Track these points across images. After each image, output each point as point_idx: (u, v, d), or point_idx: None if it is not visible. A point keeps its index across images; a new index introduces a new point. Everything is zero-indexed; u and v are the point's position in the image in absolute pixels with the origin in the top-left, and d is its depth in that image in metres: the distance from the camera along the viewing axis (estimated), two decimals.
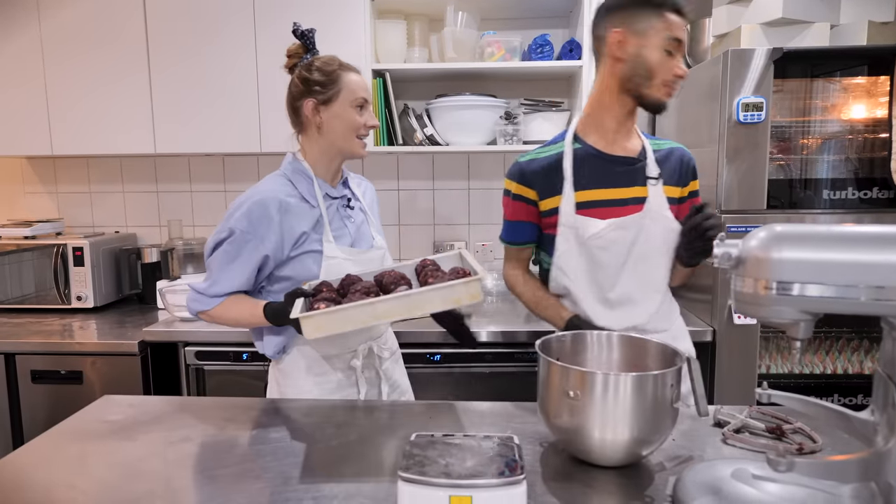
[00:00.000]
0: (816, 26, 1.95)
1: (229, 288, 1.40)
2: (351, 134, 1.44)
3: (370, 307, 1.19)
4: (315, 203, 1.44)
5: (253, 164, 2.77)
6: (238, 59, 2.34)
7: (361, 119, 1.43)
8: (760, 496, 0.90)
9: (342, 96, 1.41)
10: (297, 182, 1.45)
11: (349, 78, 1.43)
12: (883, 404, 0.83)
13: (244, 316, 1.42)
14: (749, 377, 1.96)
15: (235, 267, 1.39)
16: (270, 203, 1.38)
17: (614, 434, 1.00)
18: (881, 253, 0.78)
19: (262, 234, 1.37)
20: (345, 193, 1.53)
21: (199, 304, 1.44)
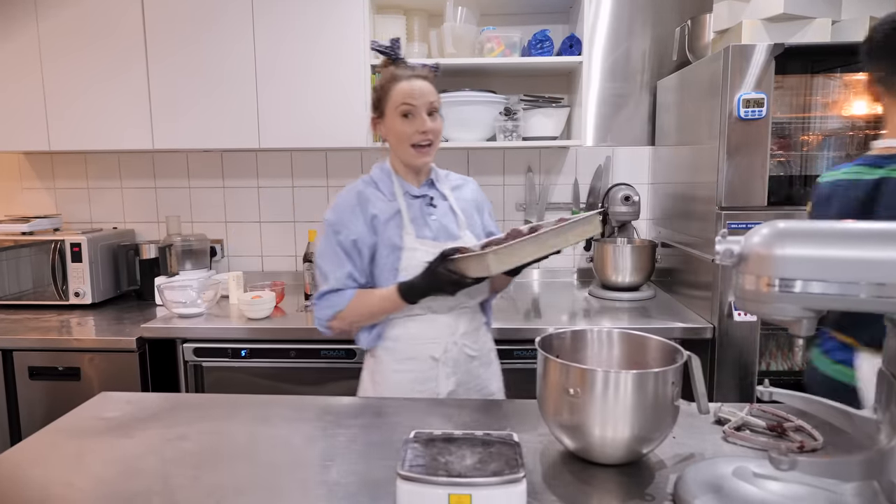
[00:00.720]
0: (818, 22, 1.94)
1: (342, 277, 1.45)
2: (402, 144, 1.45)
3: (544, 237, 1.28)
4: (394, 199, 1.49)
5: (251, 159, 2.76)
6: (236, 55, 2.32)
7: (409, 128, 1.43)
8: (762, 494, 0.89)
9: (388, 108, 1.45)
10: (378, 180, 1.52)
11: (396, 88, 1.44)
12: (886, 402, 0.83)
13: (376, 303, 1.45)
14: (749, 374, 1.96)
15: (336, 257, 1.46)
16: (351, 195, 1.49)
17: (615, 432, 1.00)
18: (884, 250, 0.77)
19: (347, 220, 1.46)
20: (427, 193, 1.54)
21: (329, 308, 1.47)
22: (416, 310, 1.47)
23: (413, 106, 1.42)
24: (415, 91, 1.42)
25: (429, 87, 1.45)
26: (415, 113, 1.42)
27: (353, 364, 2.05)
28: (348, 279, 1.46)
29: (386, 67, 1.51)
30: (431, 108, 1.44)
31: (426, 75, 1.47)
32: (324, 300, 1.47)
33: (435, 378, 1.48)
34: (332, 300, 1.46)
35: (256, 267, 2.83)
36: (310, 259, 2.36)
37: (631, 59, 2.67)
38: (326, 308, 1.47)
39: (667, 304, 2.30)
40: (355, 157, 2.75)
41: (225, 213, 2.81)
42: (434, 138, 1.46)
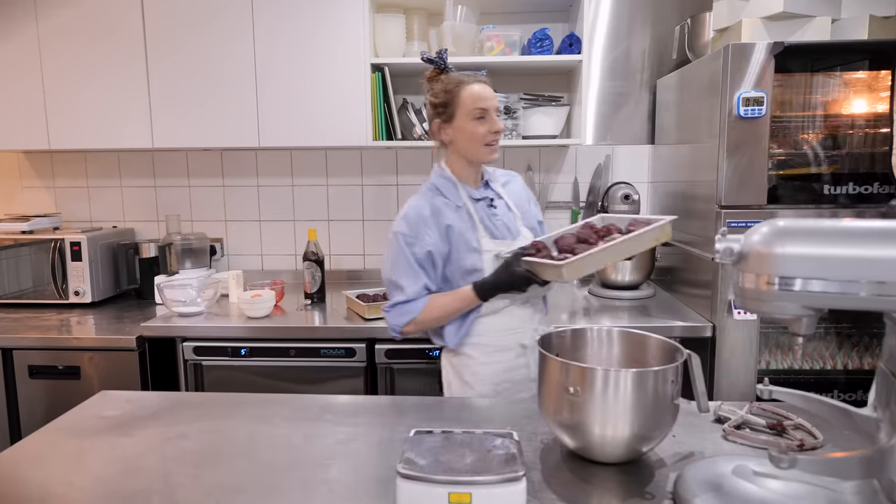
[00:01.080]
0: (817, 20, 1.94)
1: (417, 287, 1.52)
2: (476, 144, 1.53)
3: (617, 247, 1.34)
4: (462, 203, 1.57)
5: (251, 158, 2.76)
6: (236, 53, 2.32)
7: (483, 128, 1.52)
8: (762, 493, 0.89)
9: (460, 111, 1.52)
10: (443, 188, 1.59)
11: (466, 92, 1.52)
12: (886, 401, 0.83)
13: (450, 304, 1.52)
14: (749, 373, 1.96)
15: (411, 269, 1.52)
16: (424, 208, 1.55)
17: (614, 430, 1.00)
18: (884, 248, 0.77)
19: (422, 232, 1.52)
20: (486, 194, 1.62)
21: (403, 316, 1.54)
22: (499, 304, 1.54)
23: (486, 110, 1.51)
24: (486, 94, 1.53)
25: (491, 91, 1.56)
26: (488, 116, 1.52)
27: (352, 363, 2.05)
28: (423, 290, 1.53)
29: (436, 76, 1.59)
30: (496, 111, 1.56)
31: (486, 80, 1.57)
32: (396, 309, 1.54)
33: (526, 364, 1.57)
34: (406, 308, 1.53)
35: (256, 266, 2.83)
36: (310, 258, 2.36)
37: (631, 58, 2.67)
38: (401, 316, 1.54)
39: (667, 303, 2.30)
40: (355, 155, 2.74)
41: (225, 212, 2.81)
42: (499, 138, 1.57)
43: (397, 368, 2.04)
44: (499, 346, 1.56)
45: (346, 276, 2.81)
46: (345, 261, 2.81)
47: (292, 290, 2.57)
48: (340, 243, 2.80)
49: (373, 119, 2.34)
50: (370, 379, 2.07)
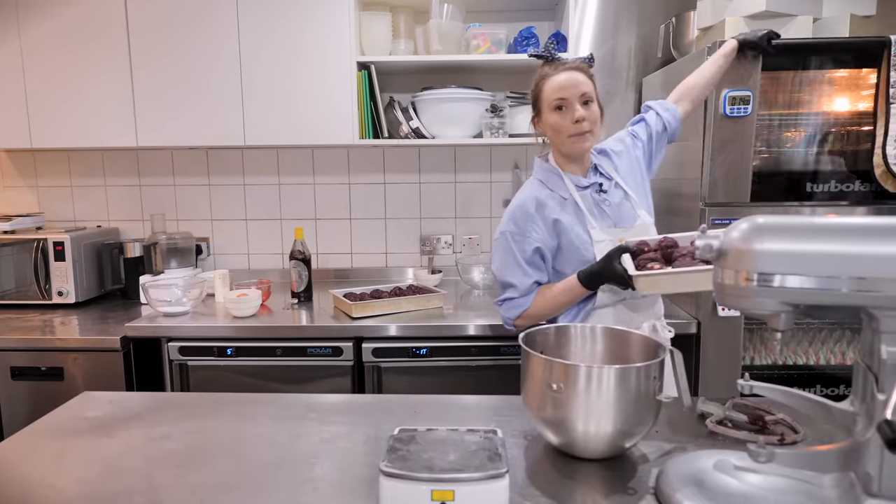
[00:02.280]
0: (799, 19, 1.95)
1: (527, 283, 1.53)
2: (560, 136, 1.51)
3: (701, 274, 1.27)
4: (568, 195, 1.54)
5: (237, 157, 2.75)
6: (221, 50, 2.31)
7: (564, 119, 1.48)
8: (742, 487, 0.90)
9: (543, 105, 1.52)
10: (547, 181, 1.57)
11: (546, 84, 1.50)
12: (862, 395, 0.84)
13: (559, 295, 1.52)
14: (733, 369, 1.97)
15: (520, 268, 1.53)
16: (528, 203, 1.54)
17: (598, 426, 1.00)
18: (861, 244, 0.78)
19: (528, 230, 1.52)
20: (595, 180, 1.57)
21: (515, 309, 1.56)
22: (612, 297, 1.53)
23: (565, 99, 1.47)
24: (566, 83, 1.47)
25: (581, 77, 1.49)
26: (567, 105, 1.48)
27: (339, 362, 2.04)
28: (532, 286, 1.54)
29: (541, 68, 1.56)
30: (585, 97, 1.48)
31: (578, 66, 1.51)
32: (507, 304, 1.56)
33: None
34: (517, 302, 1.55)
35: (243, 265, 2.82)
36: (297, 257, 2.35)
37: (617, 57, 2.68)
38: (512, 309, 1.56)
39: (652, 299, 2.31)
40: (342, 154, 2.74)
41: (211, 211, 2.79)
42: (592, 125, 1.49)
43: (385, 367, 2.04)
44: None
45: (334, 274, 2.80)
46: (332, 259, 2.81)
47: (279, 289, 2.56)
48: (328, 242, 2.79)
49: (359, 117, 2.33)
50: (357, 378, 2.06)
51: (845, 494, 0.83)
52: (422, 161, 2.74)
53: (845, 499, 0.82)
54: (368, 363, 2.04)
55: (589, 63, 1.55)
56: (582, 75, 1.49)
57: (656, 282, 1.31)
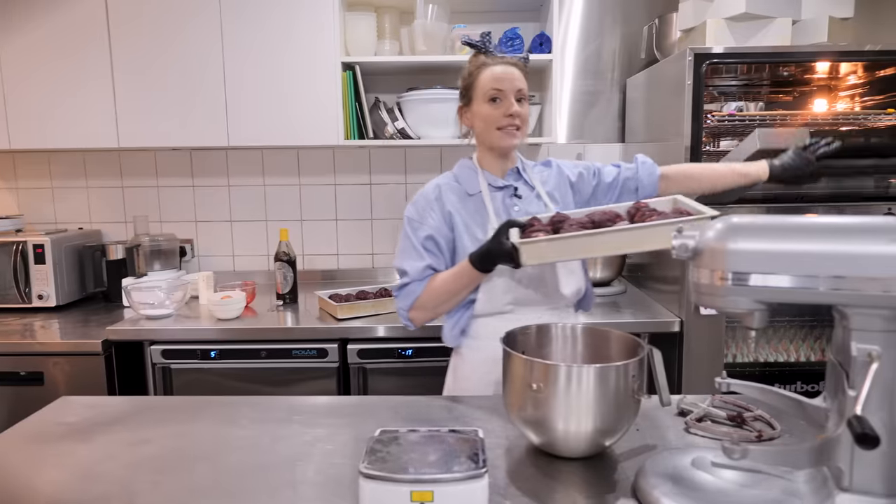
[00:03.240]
0: (778, 21, 1.98)
1: (420, 266, 1.44)
2: (489, 128, 1.45)
3: (589, 238, 1.18)
4: (476, 191, 1.49)
5: (221, 158, 2.73)
6: (204, 50, 2.29)
7: (496, 111, 1.43)
8: (719, 483, 0.91)
9: (476, 94, 1.45)
10: (460, 175, 1.53)
11: (483, 73, 1.44)
12: (834, 391, 0.85)
13: (450, 279, 1.42)
14: (716, 366, 1.99)
15: (415, 252, 1.46)
16: (430, 190, 1.51)
17: (578, 425, 1.01)
18: (831, 244, 0.80)
19: (426, 216, 1.47)
20: (510, 183, 1.52)
21: (407, 298, 1.46)
22: (503, 306, 1.46)
23: (501, 91, 1.42)
24: (504, 75, 1.42)
25: (518, 73, 1.45)
26: (502, 97, 1.42)
27: (325, 363, 2.04)
28: (426, 270, 1.45)
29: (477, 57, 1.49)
30: (520, 94, 1.44)
31: (516, 62, 1.46)
32: (402, 292, 1.47)
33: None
34: (409, 289, 1.46)
35: (228, 267, 2.80)
36: (281, 258, 2.34)
37: (602, 57, 2.70)
38: (404, 298, 1.47)
39: (637, 299, 2.33)
40: (327, 154, 2.73)
41: (195, 213, 2.77)
42: (522, 124, 1.45)
43: (370, 368, 2.03)
44: (491, 354, 1.41)
45: (321, 276, 2.79)
46: (318, 261, 2.80)
47: (264, 290, 2.55)
48: (314, 243, 2.79)
49: (344, 118, 2.33)
50: (343, 379, 2.06)
51: (818, 489, 0.84)
52: (408, 162, 2.74)
53: (818, 493, 0.84)
54: (354, 365, 2.03)
55: (525, 62, 1.50)
56: (519, 72, 1.45)
57: (541, 250, 1.20)
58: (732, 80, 2.44)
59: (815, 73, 2.33)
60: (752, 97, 2.52)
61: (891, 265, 0.77)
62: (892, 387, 0.81)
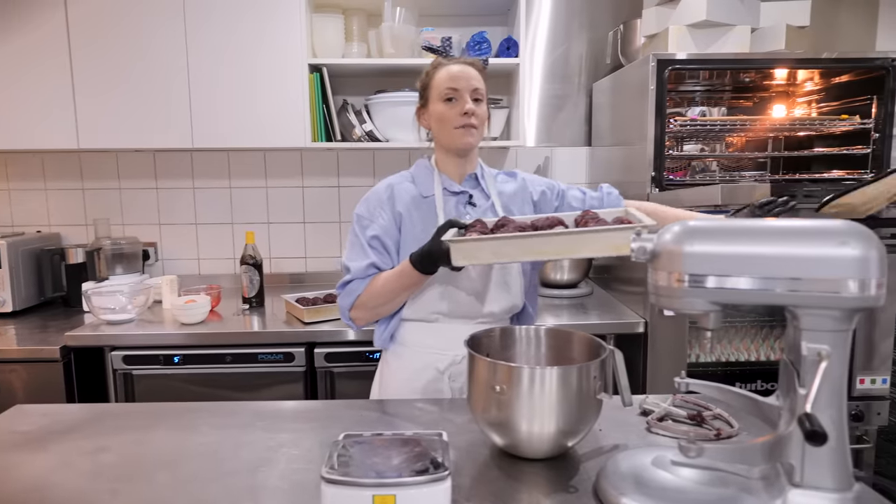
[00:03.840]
0: (738, 29, 2.03)
1: (363, 265, 1.41)
2: (445, 127, 1.42)
3: (523, 240, 1.14)
4: (430, 194, 1.46)
5: (186, 159, 2.68)
6: (167, 50, 2.25)
7: (452, 111, 1.40)
8: (678, 481, 0.93)
9: (432, 94, 1.44)
10: (417, 175, 1.50)
11: (438, 73, 1.43)
12: (786, 389, 0.87)
13: (391, 278, 1.38)
14: (680, 366, 2.03)
15: (361, 249, 1.43)
16: (383, 190, 1.48)
17: (541, 426, 1.02)
18: (784, 246, 0.82)
19: (375, 215, 1.45)
20: (467, 190, 1.49)
21: (349, 296, 1.42)
22: (429, 314, 1.44)
23: (457, 90, 1.40)
24: (459, 75, 1.40)
25: (475, 73, 1.43)
26: (458, 97, 1.40)
27: (291, 368, 2.01)
28: (369, 269, 1.41)
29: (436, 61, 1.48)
30: (477, 94, 1.42)
31: (473, 62, 1.45)
32: (344, 290, 1.43)
33: (439, 391, 1.44)
34: (351, 287, 1.42)
35: (193, 270, 2.75)
36: (248, 261, 2.31)
37: (569, 62, 2.73)
38: (346, 296, 1.42)
39: (603, 300, 2.36)
40: (295, 156, 2.70)
41: (159, 215, 2.72)
42: (479, 123, 1.42)
43: (337, 372, 2.02)
44: (415, 363, 1.45)
45: (288, 279, 2.76)
46: (286, 264, 2.77)
47: (230, 294, 2.51)
48: (281, 246, 2.76)
49: (311, 120, 2.31)
50: (310, 384, 2.04)
51: (771, 485, 0.86)
52: (376, 164, 2.73)
53: (771, 489, 0.86)
54: (321, 369, 2.02)
55: (484, 63, 1.49)
56: (476, 72, 1.43)
57: (473, 250, 1.16)
58: (695, 86, 2.50)
59: (774, 80, 2.40)
60: (715, 102, 2.58)
61: (839, 267, 0.79)
62: (840, 385, 0.83)
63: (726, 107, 2.52)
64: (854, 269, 0.79)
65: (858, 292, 0.79)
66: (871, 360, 2.01)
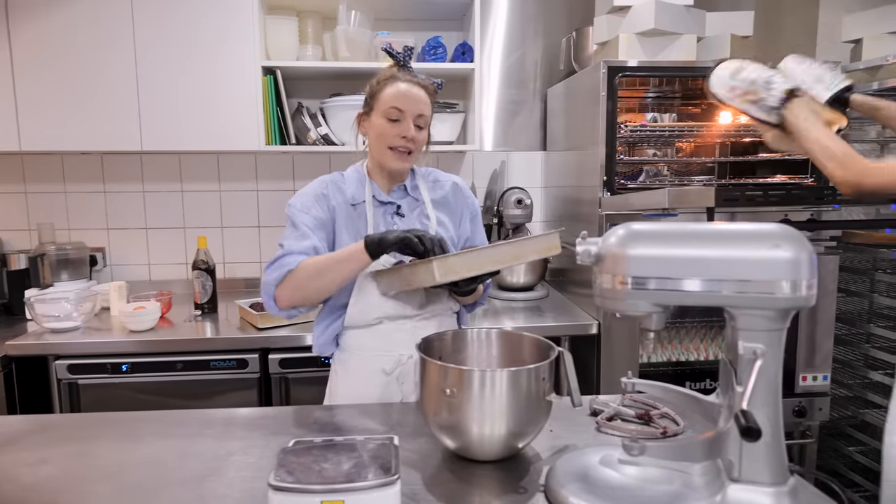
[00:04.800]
0: (684, 38, 2.09)
1: (303, 245, 1.36)
2: (381, 144, 1.40)
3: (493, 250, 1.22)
4: (360, 201, 1.45)
5: (136, 162, 2.61)
6: (115, 50, 2.18)
7: (392, 130, 1.38)
8: (623, 479, 0.95)
9: (377, 107, 1.41)
10: (350, 180, 1.47)
11: (389, 87, 1.39)
12: (725, 388, 0.91)
13: (332, 256, 1.32)
14: (632, 366, 2.07)
15: (299, 232, 1.38)
16: (316, 187, 1.45)
17: (492, 429, 1.03)
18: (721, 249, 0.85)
19: (310, 208, 1.41)
20: (395, 201, 1.47)
21: (277, 271, 1.32)
22: (377, 318, 1.41)
23: (402, 111, 1.37)
24: (408, 95, 1.38)
25: (425, 97, 1.41)
26: (402, 119, 1.38)
27: (245, 374, 1.98)
28: (310, 249, 1.35)
29: (390, 69, 1.45)
30: (421, 120, 1.40)
31: (426, 86, 1.42)
32: (274, 264, 1.34)
33: (392, 396, 1.43)
34: (284, 261, 1.32)
35: (143, 276, 2.68)
36: (200, 266, 2.26)
37: (525, 67, 2.76)
38: (276, 270, 1.32)
39: (558, 303, 2.39)
40: (249, 160, 2.66)
41: (107, 220, 2.64)
42: (415, 149, 1.41)
43: (292, 378, 1.99)
44: (361, 369, 1.43)
45: (243, 284, 2.72)
46: (240, 269, 2.72)
47: (182, 300, 2.45)
48: (235, 251, 2.71)
49: (265, 123, 2.28)
50: (264, 390, 2.01)
51: (712, 481, 0.89)
52: (332, 168, 2.70)
53: (712, 485, 0.89)
54: (275, 375, 1.99)
55: (437, 87, 1.47)
56: (427, 96, 1.42)
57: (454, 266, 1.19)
58: (647, 93, 2.56)
59: None
60: (665, 108, 2.65)
61: (772, 269, 0.83)
62: (775, 382, 0.87)
63: (676, 113, 2.60)
64: (786, 270, 0.82)
65: (791, 293, 0.82)
66: (812, 358, 2.10)
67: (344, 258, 1.31)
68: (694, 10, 2.13)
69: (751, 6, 2.74)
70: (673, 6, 2.06)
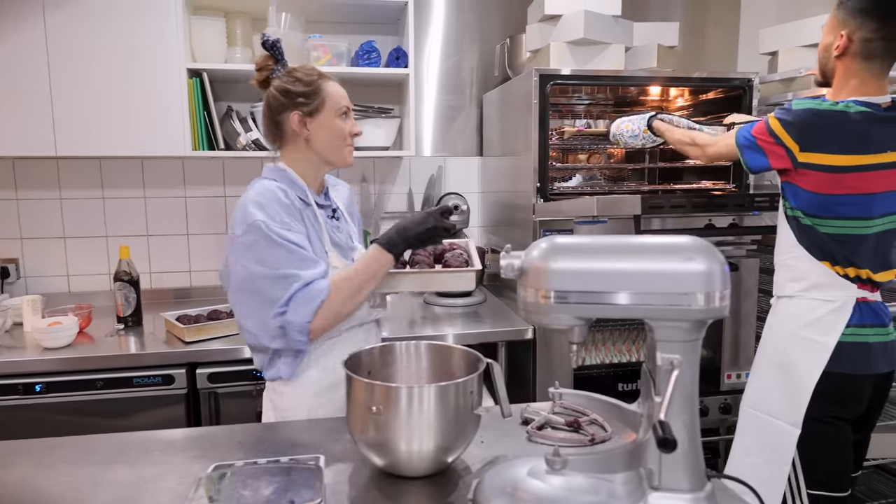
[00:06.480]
0: (613, 47, 2.14)
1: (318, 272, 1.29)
2: (339, 143, 1.42)
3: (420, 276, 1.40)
4: (311, 202, 1.41)
5: (51, 168, 2.45)
6: (24, 49, 2.05)
7: (347, 127, 1.42)
8: (550, 490, 0.95)
9: (327, 106, 1.39)
10: (287, 186, 1.38)
11: (331, 87, 1.40)
12: (645, 397, 0.92)
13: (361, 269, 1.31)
14: (566, 371, 2.11)
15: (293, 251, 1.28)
16: (275, 192, 1.33)
17: (420, 445, 1.01)
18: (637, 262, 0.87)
19: (285, 220, 1.30)
20: (329, 203, 1.50)
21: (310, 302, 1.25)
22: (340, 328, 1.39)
23: (349, 109, 1.43)
24: (346, 92, 1.43)
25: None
26: (349, 115, 1.43)
27: (171, 391, 1.89)
28: (325, 272, 1.31)
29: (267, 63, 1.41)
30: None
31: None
32: (300, 296, 1.24)
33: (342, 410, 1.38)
34: (310, 293, 1.24)
35: (62, 288, 2.53)
36: (122, 278, 2.15)
37: (461, 73, 2.77)
38: (306, 304, 1.24)
39: (495, 308, 2.41)
40: (176, 165, 2.55)
41: (20, 229, 2.47)
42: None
43: (222, 393, 1.92)
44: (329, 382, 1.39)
45: (173, 294, 2.61)
46: (168, 279, 2.61)
47: (104, 313, 2.33)
48: (163, 260, 2.59)
49: (191, 127, 2.19)
50: (192, 406, 1.93)
51: (634, 490, 0.91)
52: None
53: (634, 494, 0.90)
54: (204, 390, 1.91)
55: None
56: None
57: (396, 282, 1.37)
58: (580, 100, 2.62)
59: (650, 95, 2.56)
60: (598, 115, 2.71)
61: (686, 281, 0.85)
62: (692, 391, 0.89)
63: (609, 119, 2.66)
64: (700, 282, 0.84)
65: (705, 304, 0.85)
66: (737, 358, 2.19)
67: (372, 268, 1.31)
68: (622, 21, 2.18)
69: (677, 17, 2.84)
70: (602, 16, 2.11)
